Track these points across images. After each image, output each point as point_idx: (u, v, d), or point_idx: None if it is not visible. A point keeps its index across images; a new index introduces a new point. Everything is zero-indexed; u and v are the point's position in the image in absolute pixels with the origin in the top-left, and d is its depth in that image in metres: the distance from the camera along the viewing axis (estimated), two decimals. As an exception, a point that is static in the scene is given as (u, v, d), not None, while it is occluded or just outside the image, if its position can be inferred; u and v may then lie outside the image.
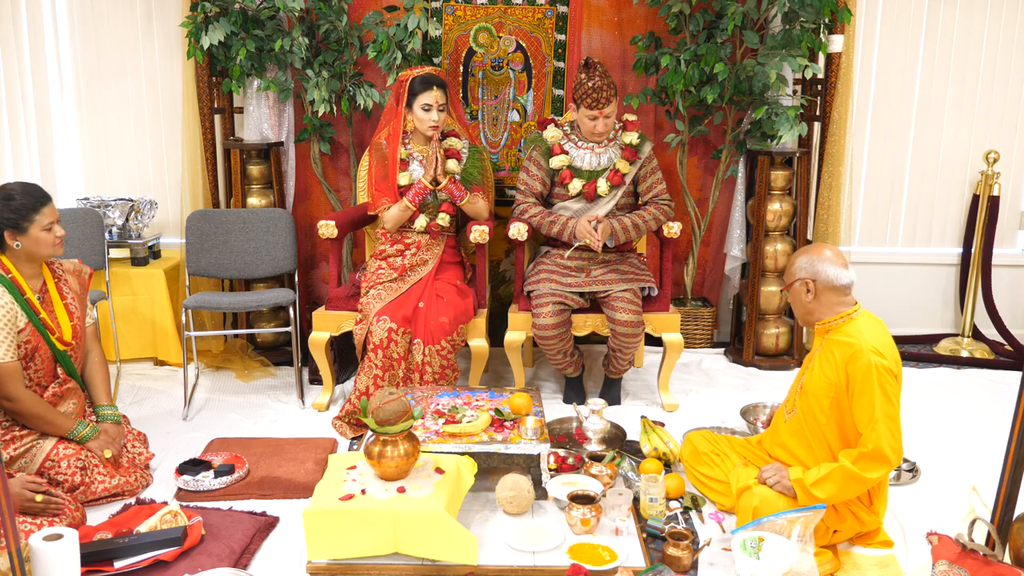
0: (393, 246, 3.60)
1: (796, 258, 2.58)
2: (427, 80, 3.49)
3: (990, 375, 4.16)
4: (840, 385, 2.46)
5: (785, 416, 2.67)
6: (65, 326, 2.85)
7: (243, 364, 4.08)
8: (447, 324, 3.37)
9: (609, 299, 3.49)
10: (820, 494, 2.39)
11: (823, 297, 2.53)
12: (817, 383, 2.53)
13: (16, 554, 1.77)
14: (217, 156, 4.20)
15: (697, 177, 4.40)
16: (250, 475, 3.02)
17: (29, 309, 2.74)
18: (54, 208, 2.78)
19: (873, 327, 2.50)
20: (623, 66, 4.22)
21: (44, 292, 2.84)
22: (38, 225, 2.71)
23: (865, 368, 2.39)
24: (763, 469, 2.55)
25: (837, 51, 4.05)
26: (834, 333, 2.53)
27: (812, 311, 2.56)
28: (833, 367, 2.48)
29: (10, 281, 2.71)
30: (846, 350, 2.45)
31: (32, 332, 2.74)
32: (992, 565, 2.11)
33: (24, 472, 2.68)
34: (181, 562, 2.42)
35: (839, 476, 2.38)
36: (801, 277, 2.54)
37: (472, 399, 3.12)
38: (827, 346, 2.53)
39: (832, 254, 2.54)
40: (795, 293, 2.58)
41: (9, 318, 2.68)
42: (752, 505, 2.45)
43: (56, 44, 4.36)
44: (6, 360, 2.67)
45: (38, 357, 2.78)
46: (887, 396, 2.39)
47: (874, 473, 2.36)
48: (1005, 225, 4.66)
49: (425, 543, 2.39)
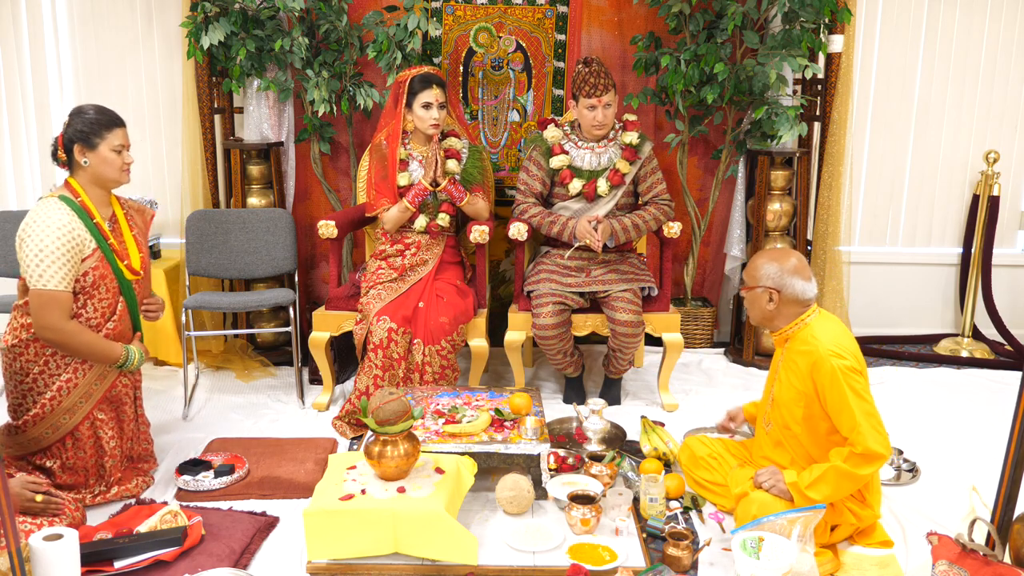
0: (393, 246, 3.61)
1: (762, 263, 2.55)
2: (426, 79, 3.49)
3: (990, 375, 4.16)
4: (810, 394, 2.48)
5: (765, 428, 2.70)
6: (134, 255, 2.81)
7: (243, 364, 4.08)
8: (447, 324, 3.37)
9: (609, 299, 3.49)
10: (816, 495, 2.40)
11: (784, 308, 2.53)
12: (787, 395, 2.55)
13: (16, 554, 1.77)
14: (217, 156, 4.20)
15: (697, 177, 4.40)
16: (250, 475, 3.02)
17: (99, 234, 2.69)
18: (127, 135, 2.74)
19: (828, 328, 2.50)
20: (623, 66, 4.22)
21: (114, 221, 2.81)
22: (108, 144, 2.67)
23: (830, 374, 2.40)
24: (759, 473, 2.56)
25: (837, 51, 4.05)
26: (792, 342, 2.55)
27: (771, 319, 2.56)
28: (799, 377, 2.50)
29: (79, 205, 2.67)
30: (807, 359, 2.46)
31: (100, 259, 2.69)
32: (992, 565, 2.11)
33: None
34: (181, 562, 2.42)
35: (833, 476, 2.39)
36: (766, 286, 2.53)
37: (472, 399, 3.12)
38: (788, 356, 2.56)
39: (799, 264, 2.52)
40: (755, 297, 2.56)
41: (73, 244, 2.62)
42: (751, 512, 2.45)
43: (56, 44, 4.36)
44: (60, 288, 2.61)
45: (103, 287, 2.72)
46: (858, 395, 2.39)
47: (867, 469, 2.37)
48: (1005, 225, 4.66)
49: (425, 543, 2.39)
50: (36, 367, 2.72)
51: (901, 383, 4.04)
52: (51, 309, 2.62)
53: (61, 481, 2.77)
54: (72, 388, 2.73)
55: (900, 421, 3.55)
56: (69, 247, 2.62)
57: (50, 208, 2.63)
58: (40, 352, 2.71)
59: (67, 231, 2.61)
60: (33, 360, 2.72)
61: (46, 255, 2.59)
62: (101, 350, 2.73)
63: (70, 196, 2.68)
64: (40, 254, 2.59)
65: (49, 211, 2.62)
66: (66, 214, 2.63)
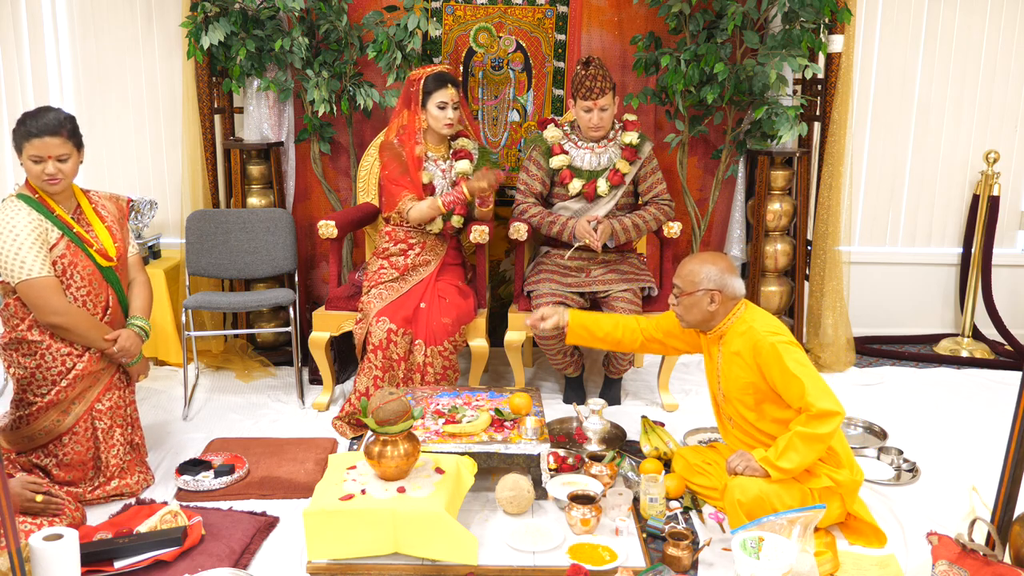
0: (396, 245, 3.58)
1: (698, 267, 2.66)
2: (441, 78, 3.49)
3: (990, 375, 4.16)
4: (757, 380, 2.58)
5: (727, 425, 2.77)
6: (106, 241, 2.84)
7: (243, 364, 4.08)
8: (450, 325, 3.37)
9: (609, 299, 3.49)
10: (787, 464, 2.45)
11: (722, 307, 2.67)
12: (734, 387, 2.65)
13: (16, 554, 1.77)
14: (217, 156, 4.19)
15: (697, 177, 4.40)
16: (250, 475, 3.02)
17: (60, 224, 2.74)
18: (56, 143, 2.66)
19: (758, 315, 2.67)
20: (623, 66, 4.22)
21: (79, 211, 2.84)
22: (26, 154, 2.68)
23: (770, 350, 2.52)
24: (729, 460, 2.60)
25: (837, 51, 4.05)
26: (727, 336, 2.67)
27: (712, 318, 2.69)
28: (741, 366, 2.61)
29: (37, 201, 2.72)
30: (747, 344, 2.59)
31: (68, 246, 2.74)
32: (992, 565, 2.11)
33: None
34: (181, 562, 2.42)
35: (798, 442, 2.45)
36: (708, 288, 2.64)
37: (472, 399, 3.12)
38: (727, 350, 2.66)
39: (730, 264, 2.71)
40: (695, 301, 2.67)
41: (37, 233, 2.68)
42: (735, 498, 2.47)
43: (56, 44, 4.36)
44: (42, 275, 2.66)
45: (77, 275, 2.76)
46: (800, 363, 2.50)
47: (826, 428, 2.43)
48: (1005, 225, 4.66)
49: (425, 543, 2.39)
50: (33, 362, 2.74)
51: (901, 383, 4.04)
52: (48, 295, 2.67)
53: (59, 478, 2.78)
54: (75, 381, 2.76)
55: (900, 421, 3.55)
56: (37, 234, 2.68)
57: (10, 207, 2.70)
58: (33, 349, 2.74)
59: (31, 220, 2.68)
60: (29, 355, 2.74)
61: (20, 246, 2.65)
62: (104, 331, 2.81)
63: (28, 194, 2.74)
64: (14, 247, 2.65)
65: (9, 210, 2.69)
66: (25, 210, 2.69)
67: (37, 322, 2.72)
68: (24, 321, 2.73)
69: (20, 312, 2.74)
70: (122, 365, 2.90)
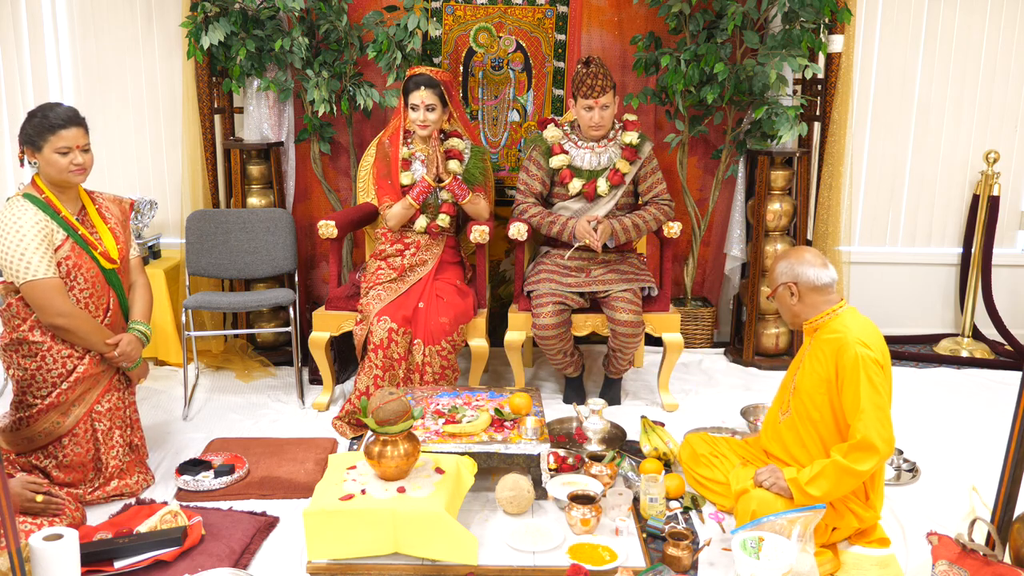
0: (393, 246, 3.60)
1: (776, 264, 2.65)
2: (415, 80, 3.50)
3: (990, 375, 4.16)
4: (831, 380, 2.49)
5: (780, 418, 2.69)
6: (110, 244, 2.84)
7: (243, 364, 4.08)
8: (447, 324, 3.37)
9: (609, 299, 3.49)
10: (815, 492, 2.39)
11: (807, 298, 2.58)
12: (809, 381, 2.56)
13: (16, 554, 1.77)
14: (217, 156, 4.20)
15: (697, 177, 4.40)
16: (250, 475, 3.02)
17: (66, 226, 2.74)
18: (82, 134, 2.70)
19: (859, 322, 2.54)
20: (623, 66, 4.22)
21: (83, 213, 2.84)
22: (51, 147, 2.67)
23: (852, 359, 2.42)
24: (759, 472, 2.56)
25: (837, 51, 4.05)
26: (822, 331, 2.57)
27: (798, 313, 2.62)
28: (823, 363, 2.51)
29: (44, 201, 2.72)
30: (834, 345, 2.49)
31: (72, 248, 2.73)
32: (992, 565, 2.11)
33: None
34: (181, 562, 2.42)
35: (832, 472, 2.39)
36: (784, 282, 2.61)
37: (472, 399, 3.12)
38: (816, 344, 2.57)
39: (811, 256, 2.60)
40: (780, 298, 2.64)
41: (44, 235, 2.67)
42: (751, 508, 2.46)
43: (56, 44, 4.36)
44: (48, 276, 2.66)
45: (81, 277, 2.75)
46: (874, 386, 2.40)
47: (865, 465, 2.36)
48: (1005, 225, 4.66)
49: (425, 543, 2.39)
50: (34, 364, 2.74)
51: (901, 383, 4.04)
52: (52, 296, 2.67)
53: (58, 480, 2.77)
54: (75, 383, 2.76)
55: (900, 421, 3.53)
56: (43, 236, 2.67)
57: (16, 206, 2.69)
58: (34, 351, 2.74)
59: (37, 221, 2.67)
60: (30, 356, 2.74)
61: (26, 247, 2.64)
62: (105, 335, 2.80)
63: (34, 193, 2.73)
64: (20, 248, 2.64)
65: (15, 209, 2.69)
66: (31, 210, 2.69)
67: (39, 323, 2.72)
68: (26, 322, 2.73)
69: (22, 312, 2.74)
70: (122, 368, 2.91)
